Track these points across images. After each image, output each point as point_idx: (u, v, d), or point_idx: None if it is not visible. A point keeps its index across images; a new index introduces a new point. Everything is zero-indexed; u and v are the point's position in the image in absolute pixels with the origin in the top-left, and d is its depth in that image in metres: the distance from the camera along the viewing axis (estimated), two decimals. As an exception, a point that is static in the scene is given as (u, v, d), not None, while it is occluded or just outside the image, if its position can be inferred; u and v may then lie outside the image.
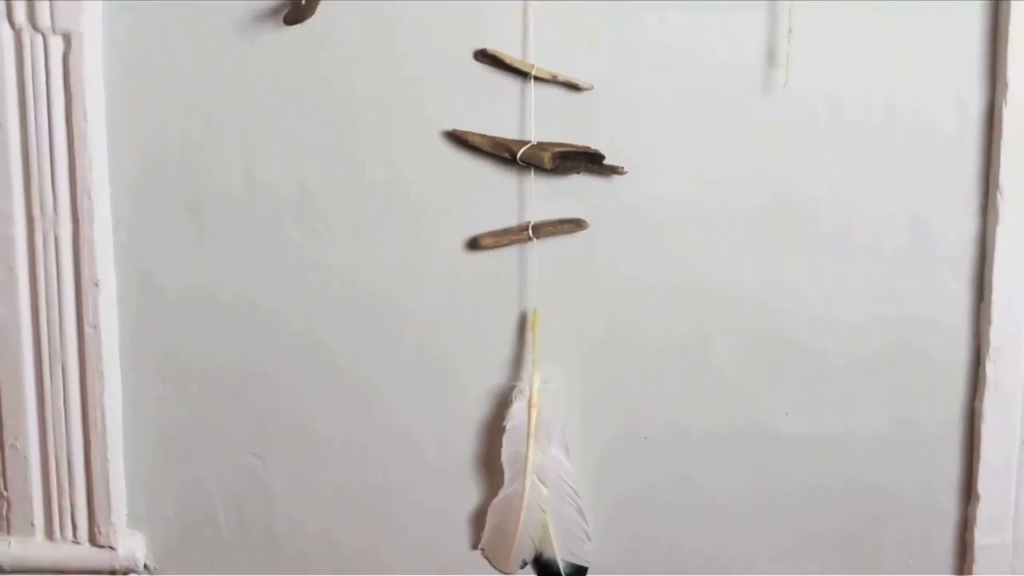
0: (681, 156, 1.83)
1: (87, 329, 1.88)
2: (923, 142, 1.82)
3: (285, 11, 1.78)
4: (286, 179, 1.87)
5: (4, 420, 1.91)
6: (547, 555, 1.91)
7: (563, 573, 1.90)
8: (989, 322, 1.83)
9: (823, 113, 1.81)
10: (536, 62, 1.81)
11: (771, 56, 1.80)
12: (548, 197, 1.85)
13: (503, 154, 1.82)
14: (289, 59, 1.84)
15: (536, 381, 1.86)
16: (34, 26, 1.81)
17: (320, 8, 1.78)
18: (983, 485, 1.87)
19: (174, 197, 1.90)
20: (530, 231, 1.84)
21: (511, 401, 1.88)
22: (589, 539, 1.91)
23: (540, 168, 1.82)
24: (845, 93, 1.81)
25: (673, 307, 1.87)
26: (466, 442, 1.93)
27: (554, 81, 1.81)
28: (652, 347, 1.89)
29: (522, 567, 1.91)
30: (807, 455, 1.91)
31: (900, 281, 1.86)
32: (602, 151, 1.82)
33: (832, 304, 1.87)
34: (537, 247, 1.85)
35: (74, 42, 1.82)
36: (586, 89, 1.81)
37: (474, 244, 1.87)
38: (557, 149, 1.82)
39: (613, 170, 1.83)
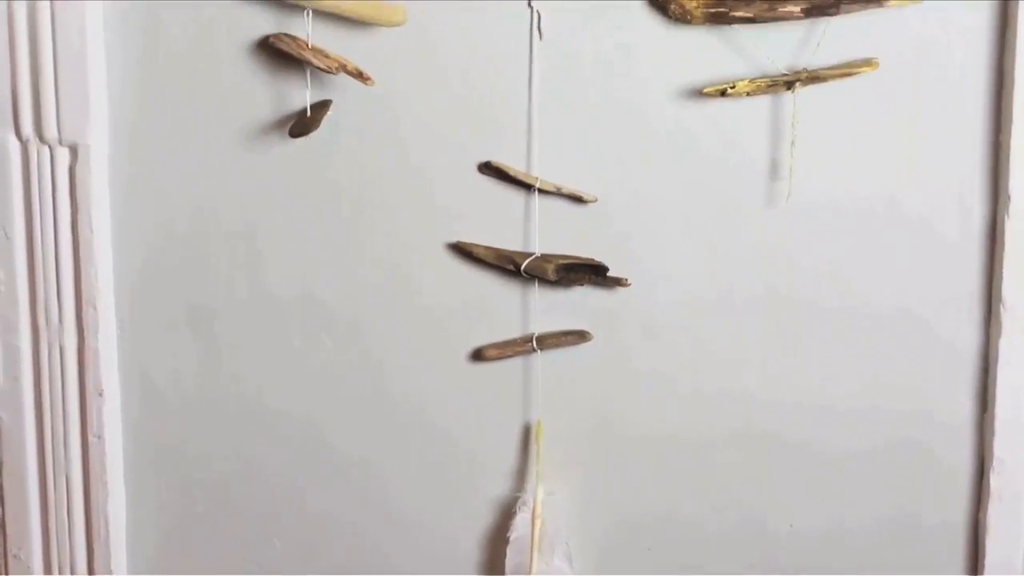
0: (685, 267, 1.84)
1: (91, 439, 1.89)
2: (926, 250, 1.83)
3: (291, 124, 1.79)
4: (291, 287, 1.88)
5: (8, 530, 1.91)
6: (550, 665, 1.90)
7: None
8: (993, 433, 1.83)
9: (826, 223, 1.82)
10: (540, 174, 1.82)
11: (774, 168, 1.81)
12: (552, 309, 1.85)
13: (507, 266, 1.83)
14: (294, 169, 1.84)
15: (540, 493, 1.86)
16: (41, 137, 1.82)
17: (325, 120, 1.78)
18: (987, 597, 1.87)
19: (179, 304, 1.91)
20: (534, 343, 1.85)
21: (515, 512, 1.88)
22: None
23: (544, 280, 1.82)
24: (848, 201, 1.82)
25: (677, 415, 1.88)
26: (470, 552, 1.93)
27: (558, 193, 1.82)
28: (656, 455, 1.88)
29: (525, 676, 1.91)
30: (811, 553, 1.90)
31: (904, 383, 1.86)
32: (606, 263, 1.83)
33: (834, 404, 1.87)
34: (541, 358, 1.86)
35: (80, 153, 1.83)
36: (590, 201, 1.82)
37: (478, 355, 1.87)
38: (561, 261, 1.82)
39: (617, 282, 1.83)
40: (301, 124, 1.79)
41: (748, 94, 1.78)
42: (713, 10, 1.77)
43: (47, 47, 1.80)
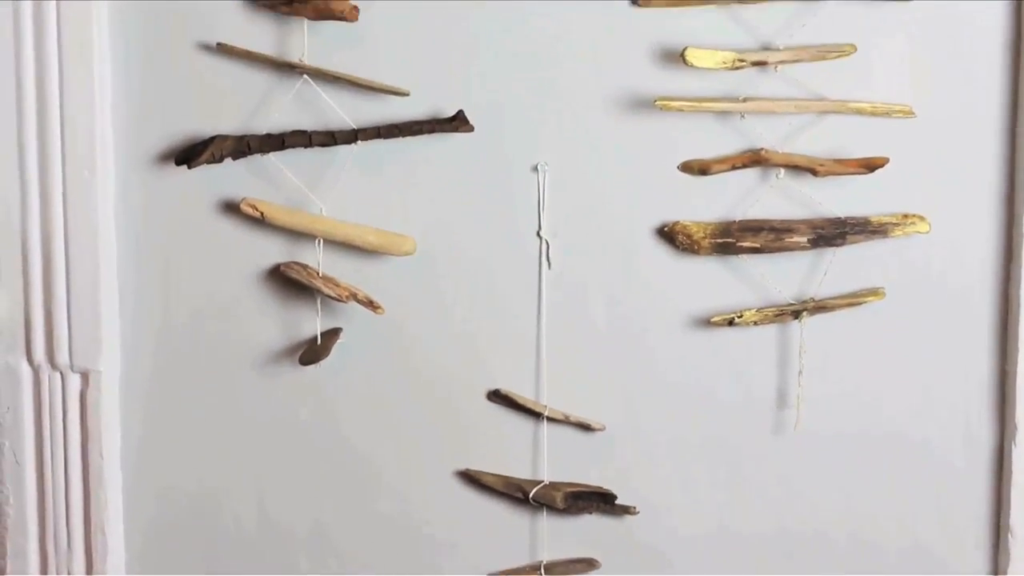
0: (693, 495, 1.84)
1: (99, 672, 1.88)
2: (933, 477, 1.84)
3: (301, 351, 1.80)
4: (300, 514, 1.89)
5: None
6: None
7: None
8: (1007, 668, 1.82)
9: (834, 452, 1.83)
10: (549, 403, 1.83)
11: (781, 397, 1.82)
12: (560, 536, 1.86)
13: (516, 494, 1.83)
14: (304, 398, 1.85)
15: None
16: (52, 363, 1.84)
17: (335, 348, 1.79)
18: None
19: (188, 531, 1.90)
20: (542, 571, 1.85)
21: None
22: None
23: (553, 508, 1.82)
24: (856, 430, 1.83)
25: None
26: None
27: (567, 421, 1.83)
28: None
29: None
30: None
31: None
32: (614, 491, 1.83)
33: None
34: (549, 587, 1.86)
35: (92, 380, 1.84)
36: (598, 429, 1.83)
37: (487, 584, 1.87)
38: (569, 489, 1.83)
39: (625, 510, 1.84)
40: (311, 352, 1.80)
41: (755, 323, 1.80)
42: (720, 241, 1.79)
43: (60, 277, 1.82)
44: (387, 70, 1.78)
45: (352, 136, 1.78)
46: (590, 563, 1.86)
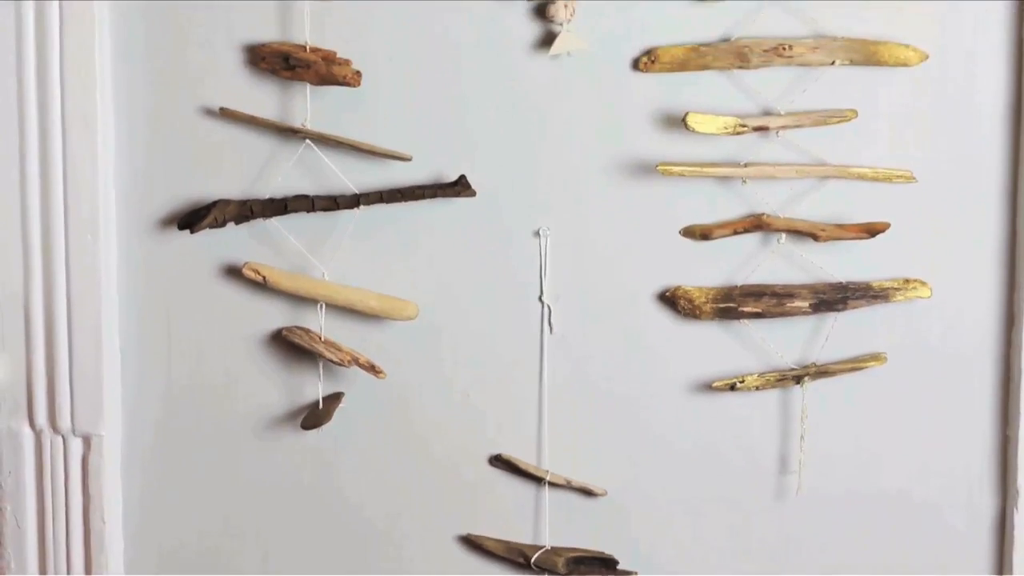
0: (695, 560, 1.85)
1: None
2: (935, 541, 1.84)
3: (303, 416, 1.80)
4: (302, 577, 1.88)
5: None
6: None
7: None
8: None
9: (836, 516, 1.84)
10: (550, 467, 1.83)
11: (783, 462, 1.82)
12: (562, 601, 1.85)
13: (517, 559, 1.83)
14: (306, 462, 1.85)
15: None
16: (54, 428, 1.84)
17: (337, 412, 1.79)
18: None
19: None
20: (545, 635, 1.85)
21: None
22: None
23: (554, 573, 1.82)
24: (858, 494, 1.84)
25: None
26: None
27: (568, 486, 1.82)
28: None
29: None
30: None
31: None
32: (616, 556, 1.83)
33: None
34: (550, 653, 1.85)
35: (94, 444, 1.84)
36: (600, 495, 1.83)
37: (488, 650, 1.87)
38: (571, 554, 1.83)
39: (627, 575, 1.83)
40: (313, 416, 1.80)
41: (757, 388, 1.80)
42: (722, 305, 1.79)
43: (63, 341, 1.82)
44: (389, 135, 1.79)
45: (354, 201, 1.78)
46: (592, 627, 1.85)
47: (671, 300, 1.81)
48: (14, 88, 1.78)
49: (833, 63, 1.76)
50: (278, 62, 1.77)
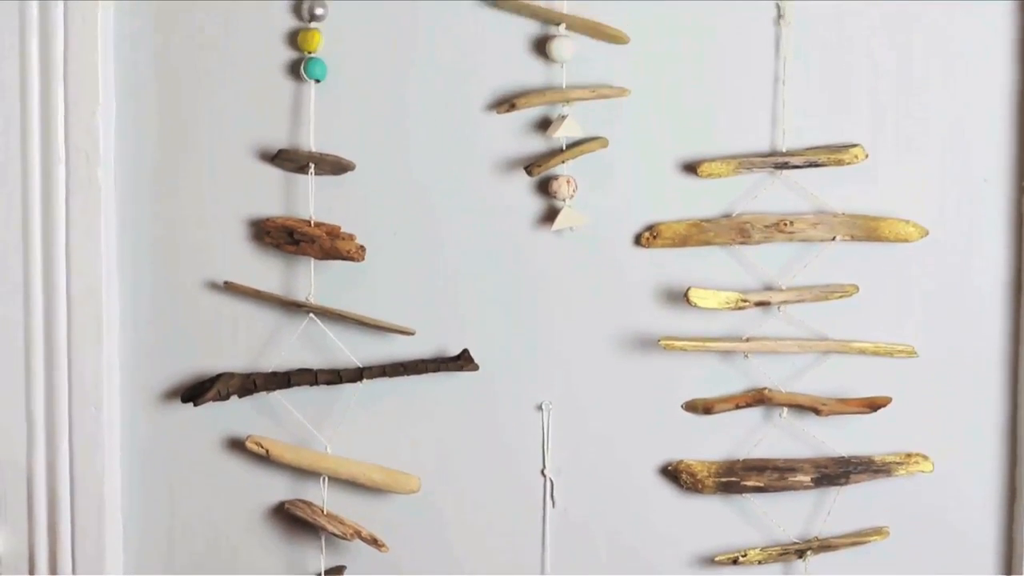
0: None
1: None
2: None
3: (305, 590, 1.80)
4: None
5: None
6: None
7: None
8: None
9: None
10: (554, 607, 1.83)
11: (789, 583, 1.82)
12: None
13: None
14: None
15: None
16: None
17: (339, 586, 1.79)
18: None
19: None
20: None
21: None
22: None
23: None
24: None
25: None
26: None
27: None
28: None
29: None
30: None
31: None
32: None
33: None
34: None
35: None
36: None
37: None
38: None
39: None
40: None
41: (760, 562, 1.80)
42: (724, 480, 1.80)
43: (65, 514, 1.83)
44: (392, 308, 1.80)
45: (358, 374, 1.79)
46: None
47: (673, 474, 1.81)
48: (19, 264, 1.79)
49: (834, 239, 1.77)
50: (282, 236, 1.78)
